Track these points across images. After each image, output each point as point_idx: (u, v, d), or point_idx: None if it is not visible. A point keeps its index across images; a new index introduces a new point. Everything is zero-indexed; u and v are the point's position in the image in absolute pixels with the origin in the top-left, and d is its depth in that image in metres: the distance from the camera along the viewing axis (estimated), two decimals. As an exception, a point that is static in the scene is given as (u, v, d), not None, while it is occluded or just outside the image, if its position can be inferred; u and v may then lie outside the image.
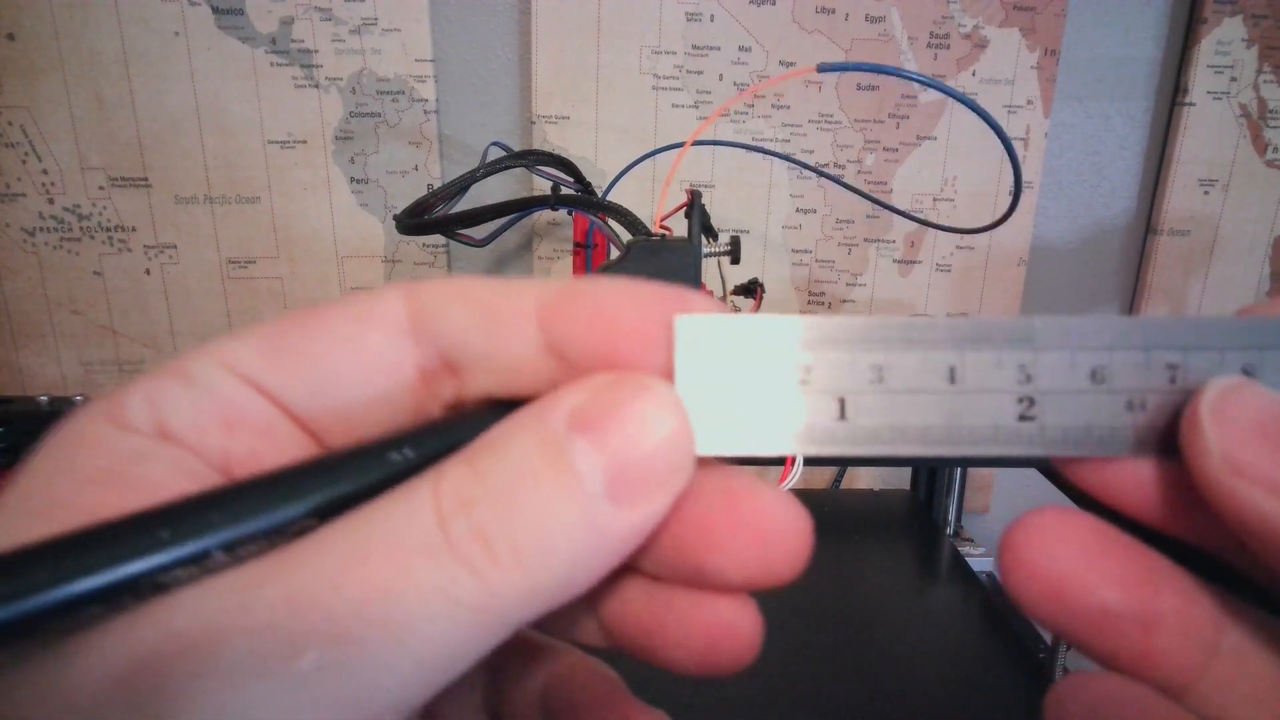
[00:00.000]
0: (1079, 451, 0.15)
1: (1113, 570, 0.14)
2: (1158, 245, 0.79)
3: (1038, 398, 0.15)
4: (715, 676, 0.16)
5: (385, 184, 0.72)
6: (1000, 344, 0.15)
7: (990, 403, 0.14)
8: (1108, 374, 0.14)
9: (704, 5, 0.69)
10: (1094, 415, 0.14)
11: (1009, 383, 0.15)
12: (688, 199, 0.42)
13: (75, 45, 0.66)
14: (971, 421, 0.15)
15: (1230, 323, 0.15)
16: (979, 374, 0.15)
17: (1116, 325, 0.15)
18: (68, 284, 0.72)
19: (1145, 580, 0.14)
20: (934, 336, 0.15)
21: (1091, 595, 0.14)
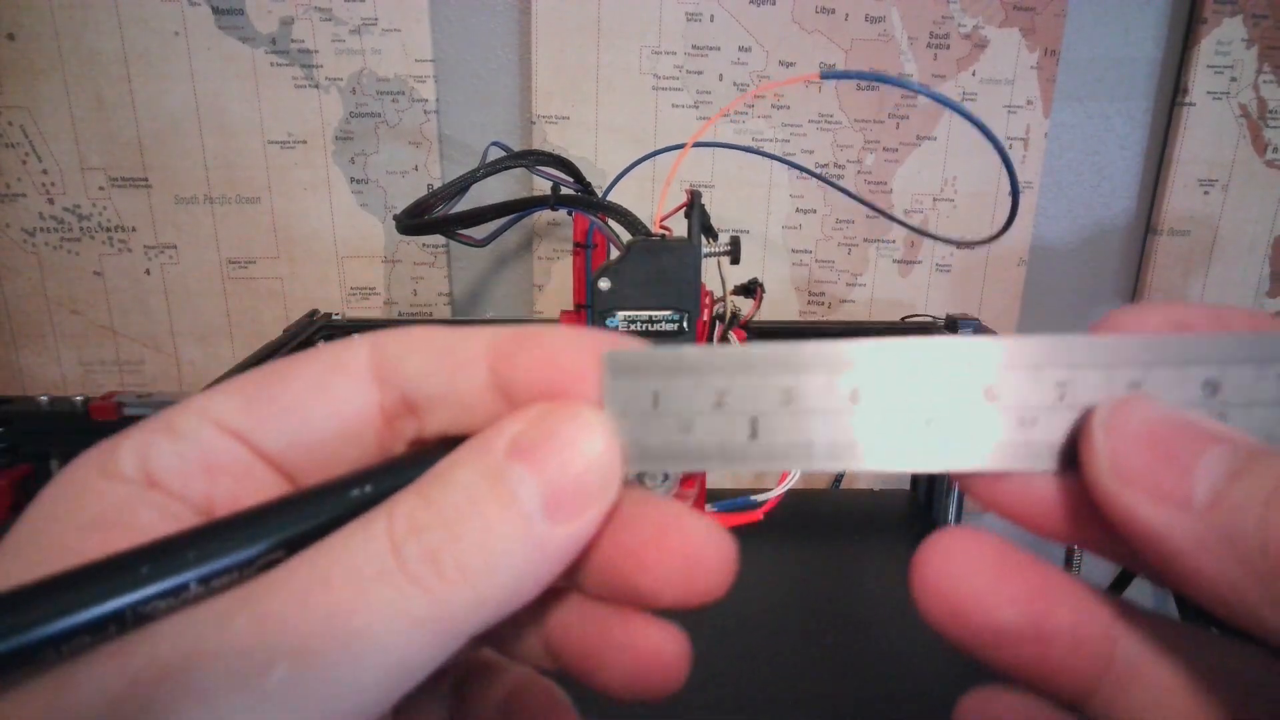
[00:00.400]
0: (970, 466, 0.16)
1: (1008, 590, 0.15)
2: (1158, 245, 0.79)
3: (935, 416, 0.15)
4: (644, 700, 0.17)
5: (385, 184, 0.72)
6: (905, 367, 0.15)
7: (896, 420, 0.15)
8: (1000, 391, 0.15)
9: (704, 5, 0.69)
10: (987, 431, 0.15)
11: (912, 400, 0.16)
12: (688, 199, 0.42)
13: (75, 45, 0.66)
14: (877, 438, 0.16)
15: (1117, 341, 0.15)
16: (885, 392, 0.15)
17: (1006, 345, 0.15)
18: (68, 284, 0.72)
19: (1039, 597, 0.15)
20: (836, 359, 0.16)
21: (988, 615, 0.15)
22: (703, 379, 0.16)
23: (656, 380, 0.16)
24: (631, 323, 0.38)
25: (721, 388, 0.16)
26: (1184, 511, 0.13)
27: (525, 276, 0.77)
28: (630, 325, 0.38)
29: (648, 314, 0.38)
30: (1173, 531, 0.13)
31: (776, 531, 0.59)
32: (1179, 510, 0.13)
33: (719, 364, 0.16)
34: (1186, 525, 0.13)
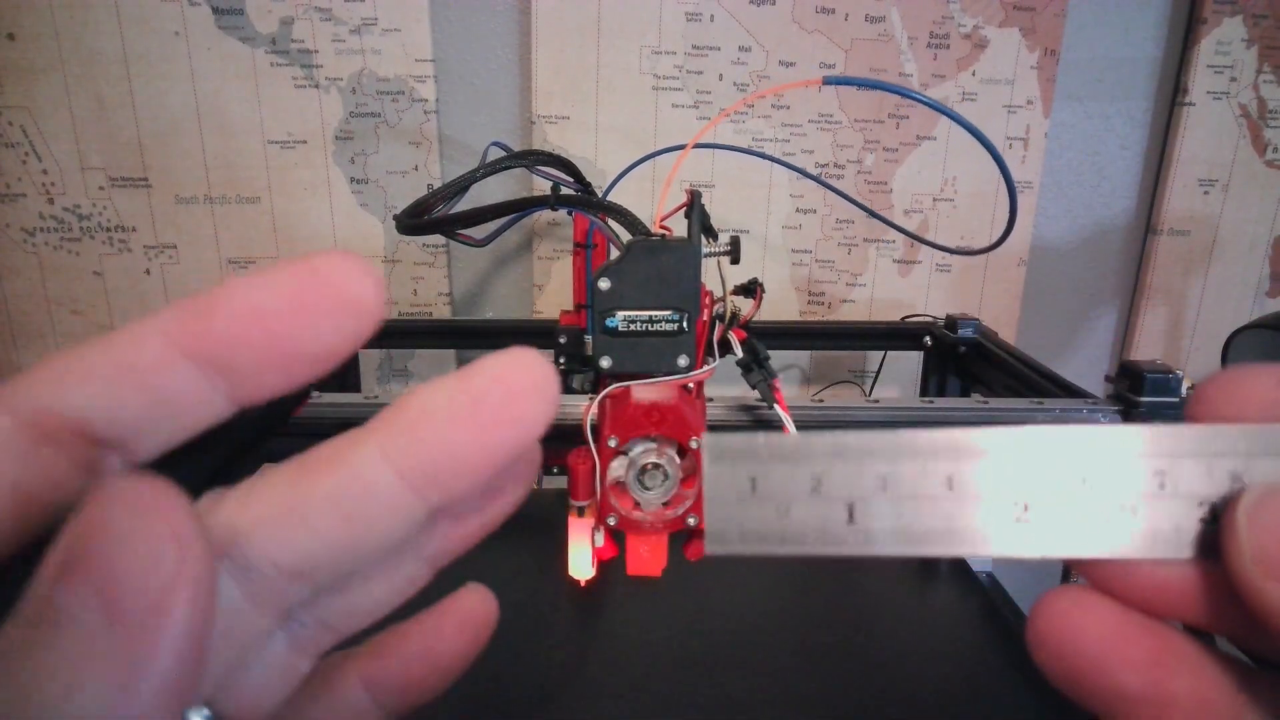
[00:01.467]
0: (1074, 553, 0.16)
1: (1129, 654, 0.15)
2: (1158, 245, 0.79)
3: (1032, 503, 0.16)
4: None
5: (385, 184, 0.72)
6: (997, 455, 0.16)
7: (988, 507, 0.16)
8: (1095, 479, 0.16)
9: (704, 5, 0.69)
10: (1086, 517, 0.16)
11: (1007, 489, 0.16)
12: (688, 199, 0.42)
13: (75, 45, 0.66)
14: (972, 524, 0.16)
15: (1215, 431, 0.15)
16: (976, 482, 0.16)
17: (1101, 434, 0.16)
18: (68, 284, 0.72)
19: (1160, 663, 0.15)
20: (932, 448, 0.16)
21: (1109, 679, 0.15)
22: (799, 466, 0.16)
23: (754, 466, 0.16)
24: (631, 323, 0.38)
25: (818, 473, 0.16)
26: None
27: (525, 276, 0.77)
28: (630, 325, 0.38)
29: (648, 314, 0.38)
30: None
31: (776, 531, 0.59)
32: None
33: (816, 451, 0.16)
34: None
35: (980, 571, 0.64)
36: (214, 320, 0.14)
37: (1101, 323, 0.84)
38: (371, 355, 0.77)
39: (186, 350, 0.14)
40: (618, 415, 0.38)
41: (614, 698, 0.48)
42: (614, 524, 0.40)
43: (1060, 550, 0.15)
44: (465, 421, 0.14)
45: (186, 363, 0.14)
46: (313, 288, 0.14)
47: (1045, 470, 0.16)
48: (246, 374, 0.14)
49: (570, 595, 0.57)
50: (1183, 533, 0.15)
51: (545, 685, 0.49)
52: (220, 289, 0.14)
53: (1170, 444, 0.15)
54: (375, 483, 0.14)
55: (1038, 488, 0.16)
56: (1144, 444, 0.15)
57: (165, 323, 0.14)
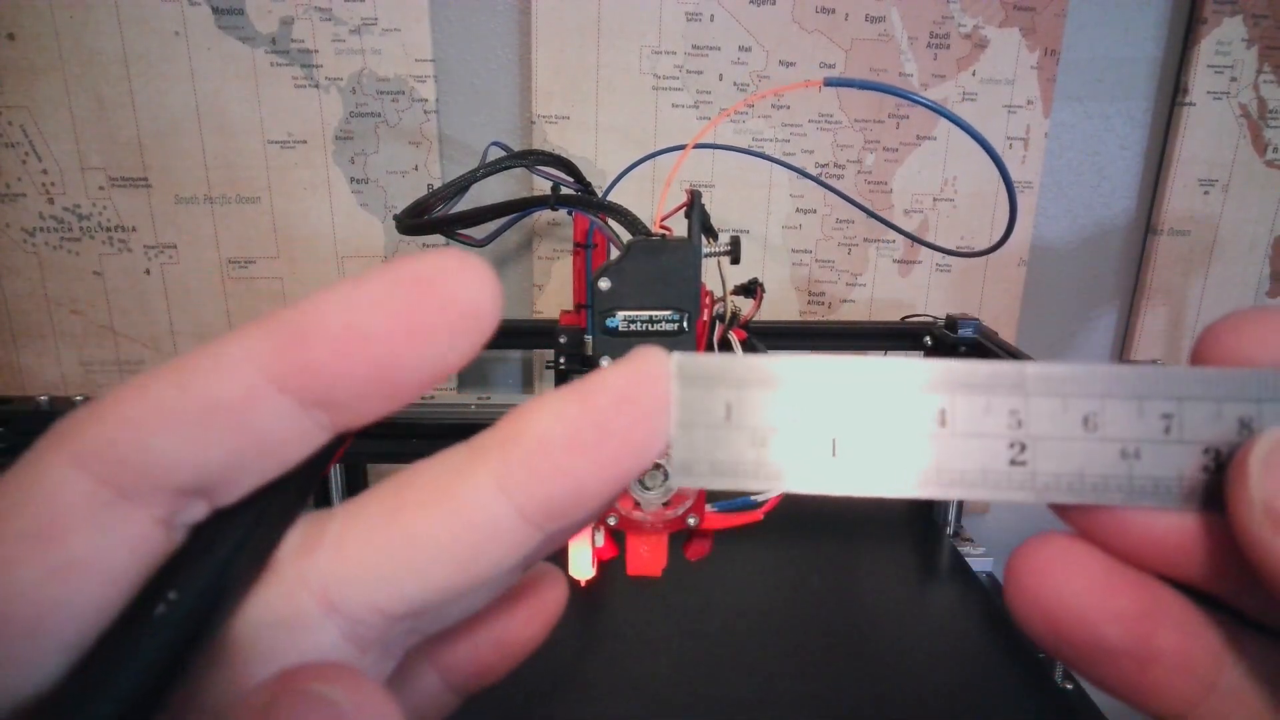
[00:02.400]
0: (1072, 498, 0.15)
1: (1113, 605, 0.15)
2: (1158, 245, 0.79)
3: (1029, 443, 0.15)
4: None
5: (385, 184, 0.72)
6: (990, 389, 0.15)
7: (981, 446, 0.15)
8: (1100, 421, 0.15)
9: (704, 5, 0.69)
10: (1086, 462, 0.15)
11: (1000, 427, 0.15)
12: (688, 199, 0.42)
13: (75, 45, 0.66)
14: (961, 464, 0.15)
15: (1228, 374, 0.14)
16: (969, 417, 0.15)
17: (1108, 374, 0.15)
18: (68, 284, 0.72)
19: (1145, 616, 0.15)
20: (925, 380, 0.15)
21: (1090, 631, 0.14)
22: (780, 393, 0.15)
23: (729, 391, 0.15)
24: (631, 323, 0.38)
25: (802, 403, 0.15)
26: None
27: (525, 276, 0.77)
28: (630, 325, 0.38)
29: (648, 314, 0.38)
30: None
31: (776, 531, 0.59)
32: None
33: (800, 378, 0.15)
34: None
35: (980, 572, 0.64)
36: (311, 349, 0.12)
37: (1101, 323, 0.84)
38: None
39: (281, 384, 0.12)
40: (618, 415, 0.38)
41: (614, 698, 0.48)
42: (614, 524, 0.40)
43: (1057, 496, 0.15)
44: (590, 454, 0.13)
45: (282, 397, 0.13)
46: (424, 303, 0.13)
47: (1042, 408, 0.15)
48: (349, 405, 0.13)
49: (570, 595, 0.57)
50: (1185, 481, 0.14)
51: (545, 685, 0.49)
52: (315, 305, 0.13)
53: (1177, 386, 0.14)
54: (492, 520, 0.13)
55: (1036, 429, 0.15)
56: (1151, 385, 0.14)
57: (254, 349, 0.12)
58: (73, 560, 0.11)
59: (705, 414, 0.15)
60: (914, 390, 0.15)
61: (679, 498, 0.40)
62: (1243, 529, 0.13)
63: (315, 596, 0.13)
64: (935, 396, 0.15)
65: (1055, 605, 0.15)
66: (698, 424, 0.15)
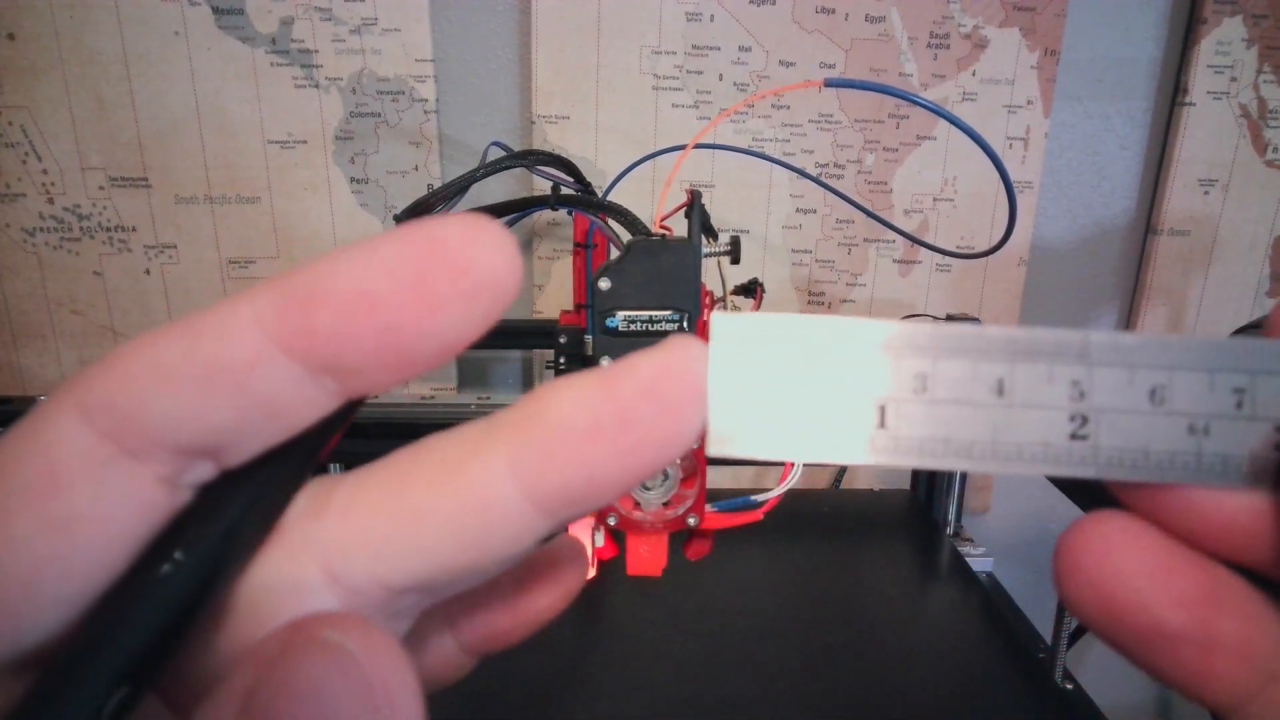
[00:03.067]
0: (1135, 475, 0.14)
1: (1174, 588, 0.14)
2: (1158, 245, 0.79)
3: (1091, 416, 0.14)
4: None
5: (385, 184, 0.72)
6: (1053, 357, 0.14)
7: (1041, 419, 0.14)
8: (1168, 395, 0.14)
9: (704, 5, 0.69)
10: (1152, 438, 0.14)
11: (1061, 399, 0.14)
12: (688, 199, 0.42)
13: (75, 45, 0.66)
14: (1020, 437, 0.14)
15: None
16: (1029, 388, 0.14)
17: (1178, 344, 0.14)
18: (68, 284, 0.72)
19: (1207, 600, 0.14)
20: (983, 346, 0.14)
21: (1150, 614, 0.14)
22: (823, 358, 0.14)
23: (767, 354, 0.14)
24: (632, 322, 0.38)
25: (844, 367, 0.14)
26: None
27: (525, 276, 0.77)
28: (630, 325, 0.38)
29: (648, 314, 0.38)
30: None
31: (776, 531, 0.59)
32: None
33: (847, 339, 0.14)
34: None
35: (980, 572, 0.64)
36: (318, 312, 0.12)
37: (1101, 323, 0.84)
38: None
39: (287, 346, 0.12)
40: (618, 415, 0.38)
41: (614, 698, 0.48)
42: (614, 524, 0.40)
43: (1120, 473, 0.14)
44: (610, 443, 0.12)
45: (288, 361, 0.12)
46: (437, 266, 0.12)
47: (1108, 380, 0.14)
48: (358, 372, 0.12)
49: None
50: (1257, 460, 0.13)
51: (545, 685, 0.49)
52: (323, 266, 0.12)
53: (1253, 359, 0.13)
54: (501, 502, 0.12)
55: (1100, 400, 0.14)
56: (1224, 358, 0.13)
57: (258, 310, 0.12)
58: (72, 515, 0.11)
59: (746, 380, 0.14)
60: (971, 357, 0.14)
61: (679, 498, 0.40)
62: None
63: (318, 563, 0.13)
64: (994, 365, 0.14)
65: (1112, 586, 0.14)
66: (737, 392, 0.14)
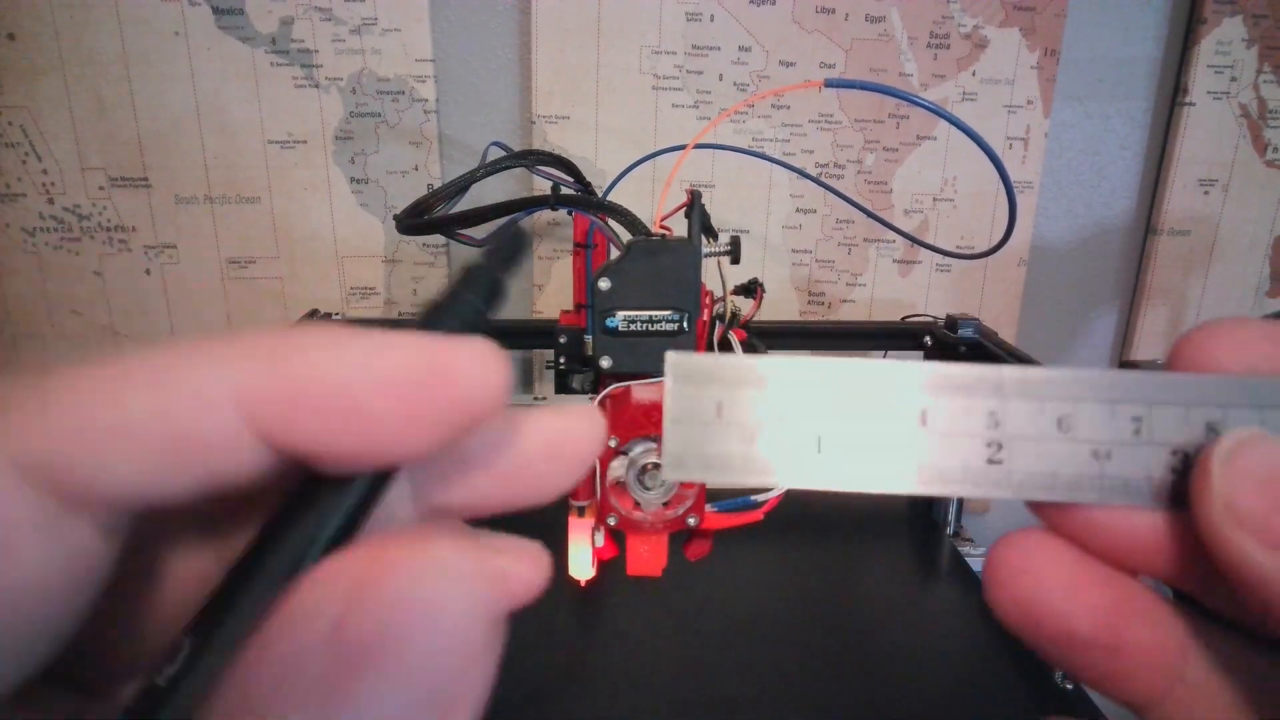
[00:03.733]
0: (1046, 496, 0.15)
1: (1086, 599, 0.15)
2: (1158, 245, 0.79)
3: (1006, 443, 0.15)
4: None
5: (385, 184, 0.72)
6: (970, 391, 0.15)
7: (960, 445, 0.15)
8: (1073, 424, 0.15)
9: (704, 5, 0.69)
10: (1060, 462, 0.15)
11: (978, 428, 0.15)
12: (688, 199, 0.42)
13: (75, 45, 0.66)
14: (941, 462, 0.15)
15: (1196, 379, 0.15)
16: (950, 418, 0.15)
17: (1082, 378, 0.15)
18: (68, 284, 0.72)
19: (1115, 609, 0.15)
20: (907, 381, 0.15)
21: (1064, 623, 0.15)
22: (767, 392, 0.15)
23: (720, 390, 0.15)
24: (631, 323, 0.38)
25: (788, 402, 0.15)
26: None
27: (525, 276, 0.77)
28: (630, 325, 0.38)
29: (648, 314, 0.38)
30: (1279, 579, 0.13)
31: (776, 531, 0.59)
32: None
33: (789, 378, 0.15)
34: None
35: (980, 572, 0.64)
36: (306, 413, 0.12)
37: (1101, 323, 0.84)
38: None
39: (263, 432, 0.12)
40: (618, 415, 0.38)
41: (614, 698, 0.48)
42: (614, 524, 0.40)
43: (1032, 494, 0.15)
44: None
45: (255, 442, 0.12)
46: (438, 397, 0.12)
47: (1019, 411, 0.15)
48: (328, 463, 0.12)
49: (570, 595, 0.57)
50: (1154, 481, 0.15)
51: (545, 685, 0.49)
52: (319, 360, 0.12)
53: (1147, 391, 0.15)
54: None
55: (1011, 429, 0.15)
56: (1122, 390, 0.15)
57: (241, 389, 0.12)
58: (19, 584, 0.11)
59: (697, 410, 0.15)
60: (897, 391, 0.15)
61: (679, 498, 0.40)
62: (1205, 525, 0.14)
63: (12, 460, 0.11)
64: (917, 397, 0.15)
65: (1030, 598, 0.15)
66: (690, 420, 0.15)
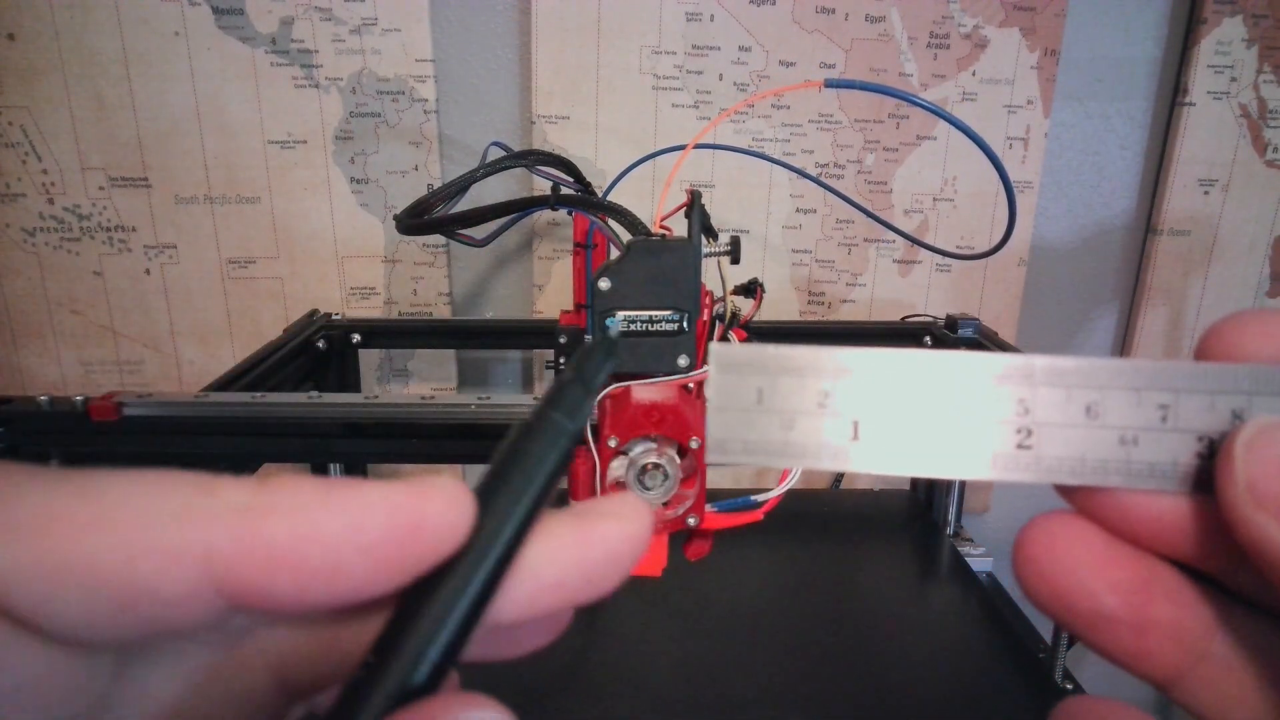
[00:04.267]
0: (1073, 480, 0.16)
1: (1112, 577, 0.16)
2: (1158, 245, 0.79)
3: (1035, 429, 0.16)
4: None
5: (385, 184, 0.72)
6: (1001, 379, 0.16)
7: (991, 431, 0.16)
8: (1101, 411, 0.16)
9: (704, 5, 0.69)
10: (1088, 448, 0.16)
11: (1008, 414, 0.16)
12: (688, 199, 0.42)
13: (75, 45, 0.66)
14: (972, 448, 0.16)
15: (1221, 369, 0.16)
16: (980, 405, 0.16)
17: (1109, 367, 0.16)
18: (68, 284, 0.72)
19: (1142, 588, 0.16)
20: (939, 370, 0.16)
21: (1091, 600, 0.16)
22: (806, 380, 0.16)
23: (761, 378, 0.16)
24: (632, 322, 0.38)
25: (825, 389, 0.16)
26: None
27: (525, 276, 0.77)
28: (630, 325, 0.38)
29: (648, 314, 0.38)
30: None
31: (776, 531, 0.59)
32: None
33: (824, 366, 0.16)
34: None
35: (980, 572, 0.64)
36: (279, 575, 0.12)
37: (1101, 323, 0.84)
38: (371, 355, 0.77)
39: (224, 589, 0.12)
40: (618, 415, 0.38)
41: (614, 698, 0.49)
42: (614, 524, 0.40)
43: (1060, 477, 0.16)
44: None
45: (218, 599, 0.12)
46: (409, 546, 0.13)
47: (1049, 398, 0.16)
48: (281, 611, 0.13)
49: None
50: (1180, 466, 0.15)
51: (545, 685, 0.49)
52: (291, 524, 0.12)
53: (1174, 379, 0.15)
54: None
55: (1041, 416, 0.16)
56: (1149, 378, 0.16)
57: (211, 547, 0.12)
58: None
59: (738, 398, 0.16)
60: (930, 379, 0.16)
61: (679, 498, 0.40)
62: (1229, 507, 0.14)
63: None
64: (949, 385, 0.16)
65: (1060, 576, 0.16)
66: (731, 407, 0.16)
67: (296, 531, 0.12)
